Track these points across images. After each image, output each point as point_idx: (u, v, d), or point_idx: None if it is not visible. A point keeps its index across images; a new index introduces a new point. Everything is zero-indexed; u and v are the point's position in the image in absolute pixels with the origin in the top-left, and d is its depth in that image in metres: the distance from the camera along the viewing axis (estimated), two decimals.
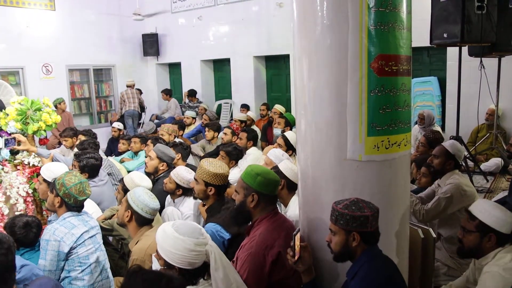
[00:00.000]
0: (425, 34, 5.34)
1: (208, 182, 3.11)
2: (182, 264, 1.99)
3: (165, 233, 2.03)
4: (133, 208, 2.77)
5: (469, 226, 2.38)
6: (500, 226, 2.29)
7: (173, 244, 1.98)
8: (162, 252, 2.02)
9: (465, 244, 2.41)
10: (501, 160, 6.27)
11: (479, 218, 2.34)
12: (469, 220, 2.39)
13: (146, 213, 2.78)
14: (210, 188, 3.12)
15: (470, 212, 2.40)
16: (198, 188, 3.16)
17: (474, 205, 2.43)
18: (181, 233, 2.00)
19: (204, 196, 3.17)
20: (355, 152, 2.18)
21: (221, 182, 3.14)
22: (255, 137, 5.63)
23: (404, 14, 2.21)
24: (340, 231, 2.00)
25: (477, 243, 2.35)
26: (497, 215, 2.31)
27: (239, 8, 9.96)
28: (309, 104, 2.29)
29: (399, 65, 2.19)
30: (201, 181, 3.14)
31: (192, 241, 1.99)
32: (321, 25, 2.16)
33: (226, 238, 2.87)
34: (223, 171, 3.15)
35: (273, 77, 10.48)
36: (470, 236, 2.38)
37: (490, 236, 2.31)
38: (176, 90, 11.87)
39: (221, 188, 3.17)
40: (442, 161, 3.55)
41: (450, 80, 7.48)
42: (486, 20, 4.90)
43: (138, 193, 2.81)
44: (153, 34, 11.37)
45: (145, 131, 7.68)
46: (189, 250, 1.97)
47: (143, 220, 2.80)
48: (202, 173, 3.12)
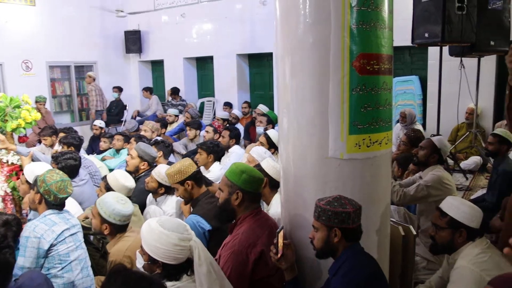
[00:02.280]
0: (407, 34, 5.39)
1: (181, 181, 3.12)
2: (166, 259, 2.01)
3: (150, 228, 2.05)
4: (109, 221, 2.74)
5: (441, 222, 2.44)
6: (470, 221, 2.36)
7: (157, 239, 2.00)
8: (147, 247, 2.04)
9: (438, 240, 2.47)
10: (480, 159, 6.37)
11: (450, 214, 2.40)
12: (440, 217, 2.45)
13: (123, 222, 2.77)
14: (187, 184, 3.13)
15: (441, 209, 2.46)
16: (180, 192, 3.18)
17: (444, 202, 2.49)
18: (166, 228, 2.02)
19: (188, 195, 3.16)
20: (337, 150, 2.19)
21: (191, 171, 3.14)
22: (237, 135, 5.64)
23: (386, 14, 2.23)
24: (322, 227, 2.02)
25: (449, 239, 2.41)
26: (466, 211, 2.38)
27: (222, 6, 9.93)
28: (291, 102, 2.30)
29: (380, 64, 2.21)
30: (176, 185, 3.17)
31: (176, 236, 2.01)
32: (304, 23, 2.17)
33: (207, 229, 2.89)
34: (182, 164, 3.17)
35: (256, 75, 10.48)
36: (442, 232, 2.43)
37: (461, 231, 2.38)
38: (159, 87, 11.79)
39: (195, 178, 3.17)
40: (427, 153, 3.65)
41: (431, 80, 7.57)
42: (466, 20, 4.96)
43: (109, 203, 2.75)
44: (136, 31, 11.28)
45: (127, 129, 7.62)
46: (173, 244, 1.99)
47: (121, 228, 2.79)
48: (170, 178, 3.15)
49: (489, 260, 2.26)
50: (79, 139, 5.07)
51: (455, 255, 2.42)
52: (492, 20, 5.22)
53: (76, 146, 4.88)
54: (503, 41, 5.25)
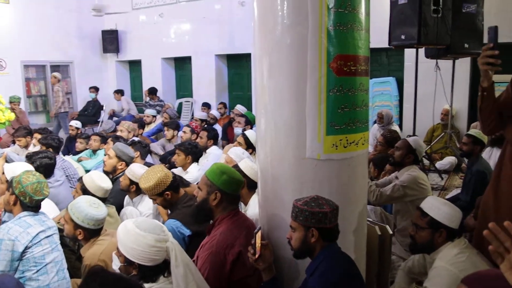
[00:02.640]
0: (384, 36, 5.45)
1: (160, 192, 3.06)
2: (143, 260, 1.99)
3: (126, 229, 2.03)
4: (83, 226, 2.67)
5: (421, 223, 2.45)
6: (450, 221, 2.38)
7: (134, 240, 1.98)
8: (123, 248, 2.02)
9: (418, 240, 2.48)
10: (455, 159, 6.49)
11: (431, 214, 2.41)
12: (421, 217, 2.46)
13: (97, 226, 2.71)
14: (166, 194, 3.08)
15: (422, 209, 2.47)
16: (159, 201, 3.14)
17: (425, 202, 2.51)
18: (142, 229, 2.00)
19: (167, 203, 3.13)
20: (314, 151, 2.20)
21: (168, 182, 3.07)
22: (215, 136, 5.63)
23: (363, 16, 2.25)
24: (299, 227, 2.03)
25: (429, 239, 2.43)
26: (446, 211, 2.40)
27: (201, 6, 9.90)
28: (269, 103, 2.30)
29: (357, 65, 2.23)
30: (154, 197, 3.11)
31: (153, 237, 1.99)
32: (281, 24, 2.18)
33: (186, 234, 2.87)
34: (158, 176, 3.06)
35: (234, 75, 10.48)
36: (423, 232, 2.44)
37: (441, 231, 2.39)
38: (137, 88, 11.70)
39: (173, 186, 3.12)
40: (403, 154, 3.71)
41: (408, 81, 7.68)
42: (441, 23, 5.04)
43: (81, 208, 2.67)
44: (113, 30, 11.17)
45: (104, 129, 7.52)
46: (150, 246, 1.97)
47: (95, 232, 2.73)
48: (148, 191, 3.08)
49: (467, 260, 2.29)
50: (59, 141, 4.99)
51: (434, 255, 2.44)
52: (466, 23, 5.32)
53: (55, 148, 4.81)
54: (476, 43, 5.35)
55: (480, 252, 2.44)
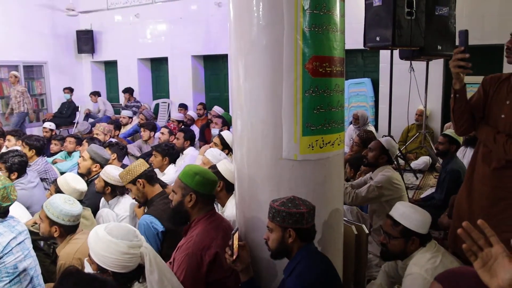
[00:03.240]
0: (359, 37, 5.51)
1: (132, 180, 3.09)
2: (116, 267, 1.95)
3: (98, 237, 1.98)
4: (58, 222, 2.64)
5: (394, 232, 2.44)
6: (421, 228, 2.39)
7: (106, 248, 1.93)
8: (95, 256, 1.97)
9: (390, 249, 2.46)
10: (429, 158, 6.59)
11: (403, 223, 2.40)
12: (392, 226, 2.45)
13: (72, 222, 2.68)
14: (139, 182, 3.09)
15: (393, 217, 2.46)
16: (134, 192, 3.13)
17: (395, 211, 2.49)
18: (114, 236, 1.96)
19: (141, 195, 3.12)
20: (291, 152, 2.21)
21: (142, 170, 3.12)
22: (192, 137, 5.60)
23: (338, 17, 2.27)
24: (276, 228, 2.04)
25: (402, 247, 2.42)
26: (418, 218, 2.40)
27: (177, 6, 9.85)
28: (245, 104, 2.30)
29: (332, 67, 2.25)
30: (128, 185, 3.13)
31: (125, 244, 1.95)
32: (257, 25, 2.18)
33: (160, 230, 2.85)
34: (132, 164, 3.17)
35: (211, 76, 10.46)
36: (395, 241, 2.43)
37: (414, 239, 2.40)
38: (113, 89, 11.57)
39: (148, 176, 3.14)
40: (376, 155, 3.74)
41: (383, 82, 7.79)
42: (415, 25, 5.12)
43: (56, 204, 2.65)
44: (88, 30, 11.02)
45: (79, 131, 7.42)
46: (123, 253, 1.93)
47: (70, 229, 2.70)
48: (122, 178, 3.14)
49: (440, 264, 2.31)
50: (43, 141, 4.89)
51: (407, 261, 2.45)
52: (439, 25, 5.41)
53: (38, 148, 4.72)
54: (449, 45, 5.45)
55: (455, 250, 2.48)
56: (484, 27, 6.64)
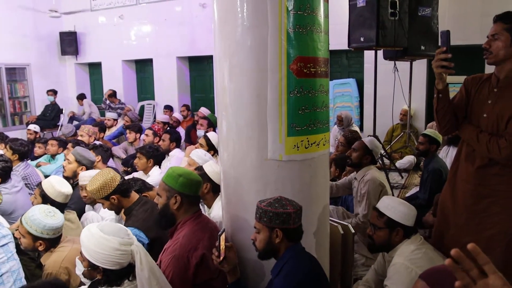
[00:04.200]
0: (343, 38, 5.54)
1: (105, 196, 2.94)
2: (107, 264, 1.97)
3: (90, 233, 2.01)
4: (40, 237, 2.60)
5: (379, 223, 2.51)
6: (406, 220, 2.46)
7: (98, 244, 1.97)
8: (86, 252, 2.00)
9: (376, 240, 2.54)
10: (414, 158, 6.65)
11: (387, 214, 2.48)
12: (378, 217, 2.52)
13: (57, 234, 2.65)
14: (112, 199, 2.95)
15: (378, 209, 2.54)
16: (106, 206, 3.01)
17: (381, 203, 2.58)
18: (106, 233, 1.99)
19: (115, 208, 3.02)
20: (276, 152, 2.22)
21: (115, 185, 2.93)
22: (178, 138, 5.59)
23: (322, 18, 2.28)
24: (263, 228, 2.04)
25: (387, 238, 2.49)
26: (402, 210, 2.47)
27: (161, 8, 9.81)
28: (230, 105, 2.30)
29: (317, 67, 2.26)
30: (101, 200, 2.99)
31: (117, 240, 1.98)
32: (241, 26, 2.19)
33: (146, 242, 2.80)
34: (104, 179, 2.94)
35: (196, 78, 10.43)
36: (380, 232, 2.51)
37: (398, 230, 2.46)
38: (97, 91, 11.47)
39: (121, 190, 2.97)
40: (360, 155, 3.76)
41: (367, 82, 7.83)
42: (398, 26, 5.17)
43: (38, 220, 2.58)
44: (72, 32, 10.91)
45: (63, 134, 7.34)
46: (114, 249, 1.96)
47: (55, 241, 2.67)
48: (94, 194, 2.95)
49: (423, 256, 2.36)
50: (27, 146, 4.82)
51: (392, 253, 2.50)
52: (422, 26, 5.48)
53: (24, 153, 4.66)
54: (432, 46, 5.52)
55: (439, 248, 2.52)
56: (466, 27, 6.73)
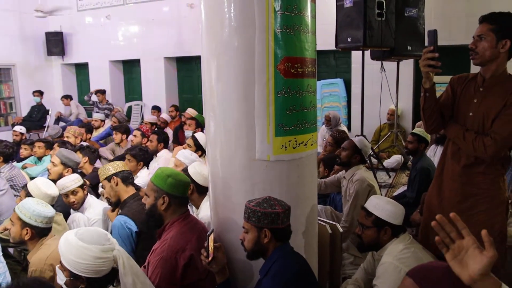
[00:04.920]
0: (331, 38, 5.56)
1: (109, 176, 3.13)
2: (90, 273, 1.91)
3: (69, 243, 1.93)
4: (31, 224, 2.59)
5: (367, 222, 2.53)
6: (394, 219, 2.47)
7: (78, 254, 1.89)
8: (66, 262, 1.92)
9: (364, 239, 2.55)
10: (401, 157, 6.70)
11: (375, 213, 2.49)
12: (366, 216, 2.54)
13: (45, 224, 2.64)
14: (113, 179, 3.14)
15: (366, 208, 2.55)
16: (107, 189, 3.14)
17: (369, 202, 2.59)
18: (86, 241, 1.91)
19: (114, 193, 3.11)
20: (264, 152, 2.22)
21: (119, 169, 3.19)
22: (165, 139, 5.57)
23: (309, 19, 2.29)
24: (252, 228, 2.05)
25: (375, 237, 2.51)
26: (390, 209, 2.48)
27: (149, 8, 9.76)
28: (217, 105, 2.30)
29: (304, 67, 2.27)
30: (104, 181, 3.15)
31: (98, 248, 1.91)
32: (229, 27, 2.18)
33: (134, 230, 2.82)
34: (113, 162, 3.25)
35: (184, 78, 10.40)
36: (369, 231, 2.52)
37: (386, 229, 2.48)
38: (84, 91, 11.37)
39: (123, 175, 3.19)
40: (349, 154, 3.79)
41: (355, 82, 7.87)
42: (385, 26, 5.21)
43: (28, 205, 2.63)
44: (58, 32, 10.81)
45: (50, 135, 7.28)
46: (96, 258, 1.90)
47: (43, 231, 2.66)
48: (100, 176, 3.19)
49: (412, 255, 2.37)
50: (12, 148, 4.77)
51: (381, 252, 2.51)
52: (409, 26, 5.53)
53: (8, 155, 4.61)
54: (419, 46, 5.57)
55: (426, 246, 2.53)
56: (451, 28, 6.80)
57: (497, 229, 2.43)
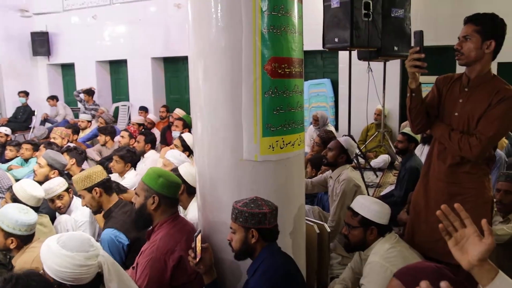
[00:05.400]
0: (319, 39, 5.58)
1: (89, 187, 2.98)
2: (74, 281, 1.84)
3: (51, 251, 1.85)
4: (13, 233, 2.55)
5: (353, 222, 2.53)
6: (380, 218, 2.48)
7: (61, 262, 1.82)
8: (50, 271, 1.84)
9: (351, 239, 2.55)
10: (388, 157, 6.74)
11: (361, 213, 2.50)
12: (352, 216, 2.54)
13: (29, 231, 2.60)
14: (95, 191, 2.98)
15: (352, 209, 2.56)
16: (87, 199, 3.01)
17: (355, 202, 2.60)
18: (69, 249, 1.84)
19: (95, 204, 3.02)
20: (251, 153, 2.22)
21: (100, 178, 3.02)
22: (153, 140, 5.55)
23: (296, 19, 2.30)
24: (239, 228, 2.05)
25: (362, 237, 2.51)
26: (375, 209, 2.50)
27: (136, 8, 9.71)
28: (204, 106, 2.30)
29: (291, 68, 2.27)
30: (82, 192, 3.00)
31: (82, 256, 1.84)
32: (216, 27, 2.18)
33: (125, 243, 2.79)
34: (91, 170, 3.06)
35: (172, 78, 10.36)
36: (355, 231, 2.53)
37: (372, 229, 2.49)
38: (70, 92, 11.27)
39: (106, 186, 3.04)
40: (336, 154, 3.80)
41: (342, 82, 7.91)
42: (372, 27, 5.24)
43: (10, 215, 2.56)
44: (44, 32, 10.70)
45: (36, 136, 7.19)
46: (80, 266, 1.83)
47: (27, 238, 2.62)
48: (78, 183, 2.99)
49: (398, 254, 2.39)
50: None
51: (368, 251, 2.53)
52: (395, 27, 5.57)
53: None
54: (405, 46, 5.61)
55: (412, 245, 2.55)
56: (437, 28, 6.85)
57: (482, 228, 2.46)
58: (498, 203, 3.16)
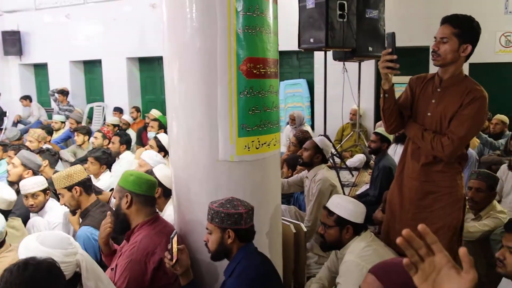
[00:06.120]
0: (294, 39, 5.61)
1: (69, 186, 2.97)
2: None
3: (29, 248, 1.84)
4: None
5: (329, 221, 2.55)
6: (355, 217, 2.51)
7: None
8: None
9: (327, 238, 2.58)
10: (364, 156, 6.82)
11: (337, 212, 2.52)
12: (328, 216, 2.56)
13: None
14: (75, 190, 2.98)
15: (328, 208, 2.58)
16: (66, 198, 3.00)
17: (331, 201, 2.62)
18: (48, 246, 1.83)
19: (74, 203, 3.01)
20: (227, 153, 2.22)
21: (81, 178, 3.02)
22: (128, 141, 5.48)
23: (271, 19, 2.30)
24: (215, 229, 2.04)
25: (338, 236, 2.54)
26: (351, 208, 2.52)
27: (110, 7, 9.60)
28: (180, 106, 2.29)
29: (267, 68, 2.28)
30: (62, 190, 2.99)
31: (60, 253, 1.83)
32: (191, 27, 2.17)
33: None
34: (72, 169, 3.06)
35: (147, 79, 10.28)
36: (331, 230, 2.55)
37: (348, 228, 2.51)
38: (43, 92, 11.08)
39: (86, 185, 3.04)
40: (311, 154, 3.82)
41: (318, 83, 7.97)
42: (347, 27, 5.30)
43: None
44: (15, 31, 10.49)
45: (7, 137, 7.03)
46: (59, 263, 1.80)
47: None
48: (58, 182, 2.98)
49: (374, 252, 2.41)
50: None
51: (344, 250, 2.54)
52: (370, 28, 5.64)
53: None
54: (379, 47, 5.69)
55: (388, 243, 2.59)
56: (411, 29, 6.96)
57: (455, 225, 2.51)
58: (470, 200, 3.23)
